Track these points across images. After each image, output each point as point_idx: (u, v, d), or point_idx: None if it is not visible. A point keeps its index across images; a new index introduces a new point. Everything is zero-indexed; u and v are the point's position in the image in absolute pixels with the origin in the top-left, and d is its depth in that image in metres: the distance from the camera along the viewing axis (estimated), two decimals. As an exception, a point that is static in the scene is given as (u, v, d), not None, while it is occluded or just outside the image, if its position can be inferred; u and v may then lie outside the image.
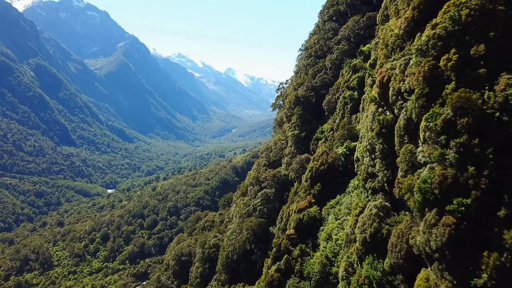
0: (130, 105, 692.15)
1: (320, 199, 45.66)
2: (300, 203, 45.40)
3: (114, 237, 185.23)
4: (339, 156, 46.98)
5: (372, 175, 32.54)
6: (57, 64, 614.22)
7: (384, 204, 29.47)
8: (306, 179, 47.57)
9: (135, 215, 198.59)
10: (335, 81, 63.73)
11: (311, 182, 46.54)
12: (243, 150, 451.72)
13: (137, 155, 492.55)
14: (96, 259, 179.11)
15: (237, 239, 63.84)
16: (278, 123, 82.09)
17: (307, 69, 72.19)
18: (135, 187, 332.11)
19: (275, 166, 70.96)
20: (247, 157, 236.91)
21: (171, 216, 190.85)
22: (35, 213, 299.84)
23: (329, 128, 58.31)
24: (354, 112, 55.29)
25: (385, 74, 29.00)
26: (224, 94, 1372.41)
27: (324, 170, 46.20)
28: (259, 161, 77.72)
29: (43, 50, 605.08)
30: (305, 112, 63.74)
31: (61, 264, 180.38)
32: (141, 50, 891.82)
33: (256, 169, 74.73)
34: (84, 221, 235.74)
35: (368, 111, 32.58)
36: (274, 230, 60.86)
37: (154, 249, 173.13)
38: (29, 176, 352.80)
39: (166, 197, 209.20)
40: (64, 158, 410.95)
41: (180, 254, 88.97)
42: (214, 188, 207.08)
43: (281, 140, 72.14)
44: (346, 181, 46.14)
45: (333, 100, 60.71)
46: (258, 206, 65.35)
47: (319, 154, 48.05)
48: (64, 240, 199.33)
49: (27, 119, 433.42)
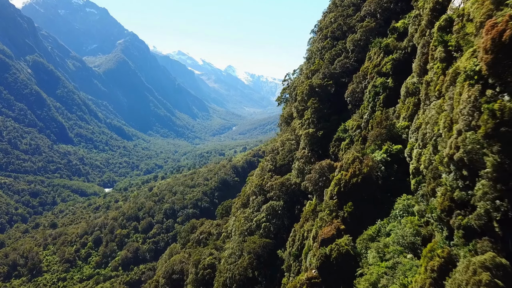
0: (129, 103, 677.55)
1: (353, 225, 32.31)
2: (325, 230, 32.06)
3: (107, 241, 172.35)
4: (377, 165, 33.59)
5: (463, 204, 19.21)
6: (55, 61, 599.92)
7: (500, 263, 16.13)
8: (331, 195, 34.21)
9: (129, 217, 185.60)
10: (359, 67, 50.30)
11: (339, 200, 33.23)
12: (243, 148, 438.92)
13: (136, 154, 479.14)
14: (88, 265, 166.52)
15: (236, 264, 50.50)
16: (285, 119, 68.57)
17: (322, 53, 58.63)
18: (133, 186, 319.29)
19: (283, 172, 57.60)
20: (247, 156, 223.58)
21: (167, 219, 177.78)
22: (29, 213, 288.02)
23: (355, 125, 44.86)
24: (389, 104, 41.86)
25: (508, 26, 15.57)
26: (224, 91, 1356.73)
27: (357, 183, 32.83)
28: (263, 165, 64.22)
29: (40, 47, 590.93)
30: (322, 106, 50.25)
31: (50, 269, 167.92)
32: (140, 47, 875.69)
33: (260, 175, 61.25)
34: (78, 222, 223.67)
35: (458, 95, 18.94)
36: (284, 255, 47.54)
37: (149, 254, 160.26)
38: (24, 175, 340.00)
39: (162, 199, 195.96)
40: (61, 156, 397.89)
41: (171, 272, 75.81)
42: (213, 189, 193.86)
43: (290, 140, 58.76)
44: (388, 199, 32.77)
45: (358, 89, 47.27)
46: (263, 223, 52.09)
47: (348, 162, 34.59)
48: (55, 244, 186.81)
49: (23, 117, 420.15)
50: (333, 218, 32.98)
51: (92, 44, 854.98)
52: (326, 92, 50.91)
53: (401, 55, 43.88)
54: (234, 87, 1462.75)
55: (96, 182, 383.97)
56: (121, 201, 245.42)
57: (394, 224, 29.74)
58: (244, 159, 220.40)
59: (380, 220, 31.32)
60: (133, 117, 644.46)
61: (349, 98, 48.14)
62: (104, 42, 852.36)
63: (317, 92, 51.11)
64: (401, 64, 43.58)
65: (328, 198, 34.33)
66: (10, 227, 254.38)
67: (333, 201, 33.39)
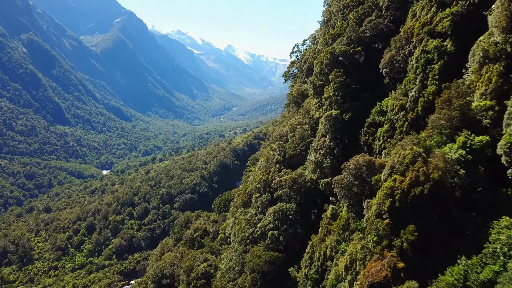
0: (127, 83, 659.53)
1: (417, 262, 20.46)
2: (372, 269, 20.31)
3: (101, 228, 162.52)
4: (452, 166, 21.46)
5: None
6: (51, 40, 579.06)
7: None
8: (379, 212, 22.28)
9: (124, 203, 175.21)
10: (398, 28, 37.50)
11: (394, 221, 21.39)
12: (243, 129, 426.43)
13: (134, 135, 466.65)
14: (80, 253, 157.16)
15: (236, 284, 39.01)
16: (295, 99, 55.81)
17: (345, 13, 45.54)
18: (130, 168, 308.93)
19: (294, 165, 45.57)
20: (248, 139, 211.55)
21: (163, 204, 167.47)
22: (25, 196, 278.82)
23: (397, 105, 32.43)
24: (449, 76, 29.43)
25: None
26: (224, 72, 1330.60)
27: (421, 196, 20.85)
28: (268, 155, 51.92)
29: (36, 25, 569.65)
30: (348, 80, 37.68)
31: (42, 257, 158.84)
32: (138, 26, 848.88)
33: (265, 167, 49.08)
34: (73, 206, 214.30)
35: None
36: (298, 276, 35.97)
37: (144, 242, 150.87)
38: (20, 156, 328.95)
39: (159, 183, 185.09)
40: (58, 137, 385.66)
41: (161, 275, 65.11)
42: (212, 173, 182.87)
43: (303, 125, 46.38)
44: (472, 221, 20.80)
45: (399, 57, 34.59)
46: (270, 230, 40.40)
47: (403, 160, 22.45)
48: (47, 230, 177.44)
49: (18, 97, 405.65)
50: (384, 248, 21.15)
51: (89, 23, 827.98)
52: (353, 61, 38.25)
53: (464, 7, 31.11)
54: (234, 67, 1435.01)
55: (94, 164, 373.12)
56: (118, 184, 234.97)
57: (494, 269, 17.79)
58: (245, 141, 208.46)
59: (465, 258, 19.39)
60: (131, 97, 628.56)
61: (386, 69, 35.53)
62: (101, 21, 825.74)
63: (341, 62, 38.46)
64: (465, 19, 30.91)
65: (374, 216, 22.41)
66: (5, 210, 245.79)
67: (384, 222, 21.51)
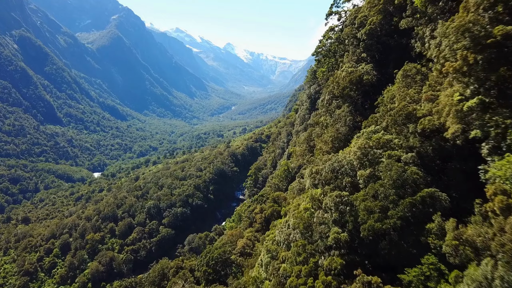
0: (124, 81, 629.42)
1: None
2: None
3: (76, 248, 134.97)
4: None
5: None
6: (45, 36, 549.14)
7: None
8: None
9: (106, 217, 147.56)
10: None
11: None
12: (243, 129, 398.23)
13: (129, 135, 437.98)
14: (51, 279, 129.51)
15: None
16: (342, 91, 28.67)
17: None
18: (122, 171, 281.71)
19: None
20: (248, 141, 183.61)
21: (150, 219, 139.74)
22: (8, 202, 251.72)
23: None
24: None
25: None
26: (223, 70, 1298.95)
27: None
28: (302, 216, 24.40)
29: (28, 21, 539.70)
30: None
31: (6, 283, 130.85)
32: (136, 23, 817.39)
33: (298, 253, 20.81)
34: (54, 217, 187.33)
35: None
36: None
37: (126, 267, 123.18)
38: (5, 158, 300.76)
39: (146, 193, 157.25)
40: (48, 138, 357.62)
41: None
42: (207, 181, 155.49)
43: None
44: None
45: None
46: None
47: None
48: (17, 248, 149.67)
49: (7, 95, 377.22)
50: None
51: (85, 20, 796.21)
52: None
53: None
54: (233, 65, 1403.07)
55: (85, 166, 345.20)
56: (106, 190, 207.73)
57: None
58: (245, 144, 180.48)
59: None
60: (128, 96, 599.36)
61: None
62: (98, 18, 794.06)
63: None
64: None
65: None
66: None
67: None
